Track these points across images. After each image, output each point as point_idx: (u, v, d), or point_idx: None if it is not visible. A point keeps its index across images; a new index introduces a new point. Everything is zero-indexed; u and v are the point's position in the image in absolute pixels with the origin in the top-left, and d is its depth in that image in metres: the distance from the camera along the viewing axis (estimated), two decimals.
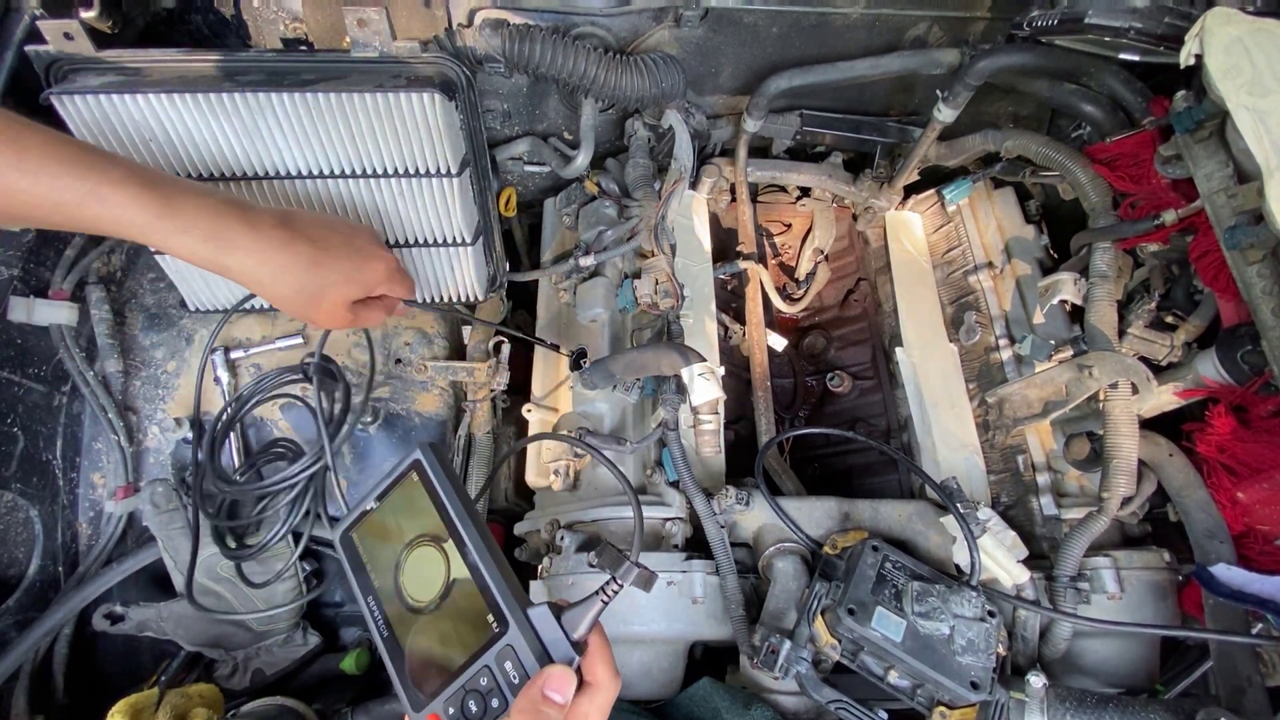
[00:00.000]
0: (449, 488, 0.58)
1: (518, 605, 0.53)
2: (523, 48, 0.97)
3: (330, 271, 0.72)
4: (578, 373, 1.01)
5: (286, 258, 0.69)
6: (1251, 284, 0.77)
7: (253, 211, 0.69)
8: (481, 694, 0.52)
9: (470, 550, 0.55)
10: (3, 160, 0.58)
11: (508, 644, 0.52)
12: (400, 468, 0.60)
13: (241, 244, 0.67)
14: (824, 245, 1.35)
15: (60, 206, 0.60)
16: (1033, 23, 0.94)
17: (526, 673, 0.51)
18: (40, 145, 0.59)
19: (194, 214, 0.64)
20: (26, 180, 0.58)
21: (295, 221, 0.71)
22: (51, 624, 1.00)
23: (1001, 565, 0.86)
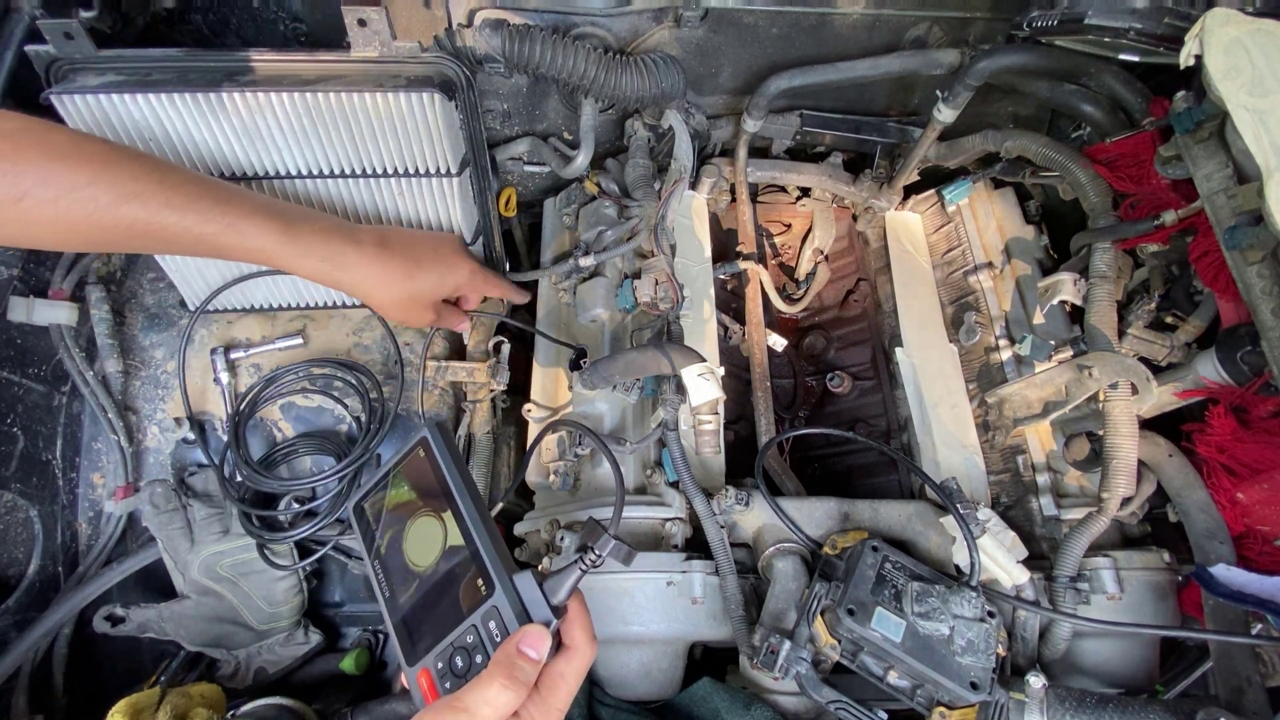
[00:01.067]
0: (450, 463, 0.63)
1: (504, 570, 0.57)
2: (523, 48, 0.97)
3: (422, 280, 0.85)
4: (578, 373, 1.01)
5: (387, 272, 0.81)
6: (1251, 284, 0.77)
7: (357, 232, 0.80)
8: (467, 650, 0.56)
9: (465, 519, 0.60)
10: (156, 200, 0.66)
11: (493, 605, 0.56)
12: (410, 444, 0.66)
13: (350, 262, 0.78)
14: (824, 245, 1.35)
15: (203, 239, 0.69)
16: (1032, 23, 0.94)
17: (508, 631, 0.55)
18: (184, 185, 0.68)
19: (310, 239, 0.75)
20: (175, 216, 0.67)
21: (391, 239, 0.82)
22: (51, 624, 1.00)
23: (1001, 565, 0.86)
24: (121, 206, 0.65)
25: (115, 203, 0.65)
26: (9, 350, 0.99)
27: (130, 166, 0.66)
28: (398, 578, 0.63)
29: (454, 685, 0.55)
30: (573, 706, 0.84)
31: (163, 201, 0.67)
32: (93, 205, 0.64)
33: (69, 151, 0.64)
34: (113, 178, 0.65)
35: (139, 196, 0.66)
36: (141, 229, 0.67)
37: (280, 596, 1.03)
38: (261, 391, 1.07)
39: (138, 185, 0.66)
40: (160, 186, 0.66)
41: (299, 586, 1.06)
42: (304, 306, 1.12)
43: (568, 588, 0.58)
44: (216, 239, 0.70)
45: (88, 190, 0.64)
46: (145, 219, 0.66)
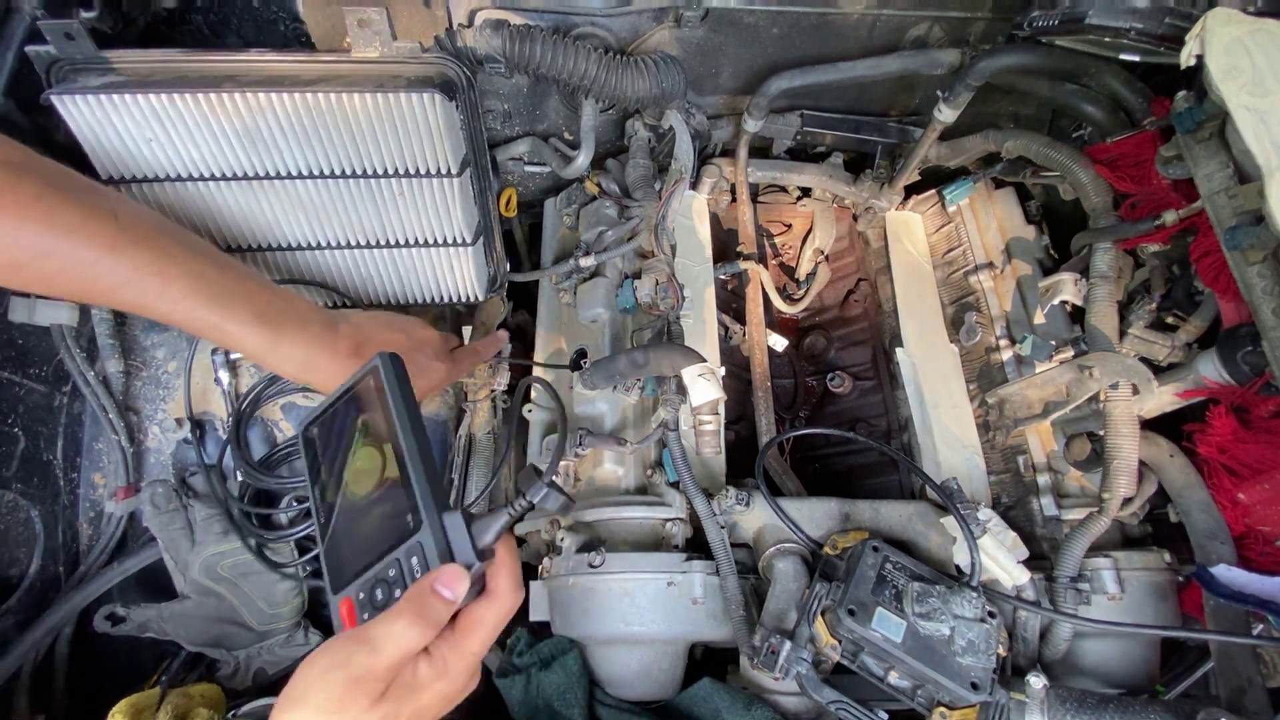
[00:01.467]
0: (398, 394, 0.61)
1: (434, 507, 0.56)
2: (523, 48, 0.97)
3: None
4: (578, 373, 1.01)
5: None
6: (1252, 284, 0.77)
7: (335, 341, 0.80)
8: (388, 583, 0.56)
9: (403, 451, 0.58)
10: (151, 292, 0.69)
11: (418, 541, 0.55)
12: (361, 371, 0.64)
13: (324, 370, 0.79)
14: (824, 245, 1.35)
15: (196, 330, 0.73)
16: (1033, 23, 0.94)
17: (429, 569, 0.54)
18: (180, 279, 0.70)
19: (291, 350, 0.77)
20: (167, 306, 0.70)
21: (365, 347, 0.82)
22: (52, 624, 1.00)
23: (1002, 566, 0.86)
24: (120, 290, 0.68)
25: (114, 287, 0.68)
26: (10, 350, 0.99)
27: (136, 252, 0.68)
28: (335, 506, 0.62)
29: (371, 616, 0.55)
30: (573, 707, 0.84)
31: (157, 293, 0.69)
32: (92, 282, 0.66)
33: (79, 226, 0.65)
34: (114, 262, 0.66)
35: (135, 285, 0.68)
36: (133, 306, 0.70)
37: (280, 597, 1.03)
38: (263, 391, 1.07)
39: (136, 275, 0.68)
40: (158, 279, 0.69)
41: (299, 587, 1.06)
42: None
43: (495, 531, 0.57)
44: (205, 334, 0.74)
45: (90, 269, 0.66)
46: (141, 306, 0.69)
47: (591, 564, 0.89)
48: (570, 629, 0.90)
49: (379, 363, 0.63)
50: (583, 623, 0.89)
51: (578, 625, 0.90)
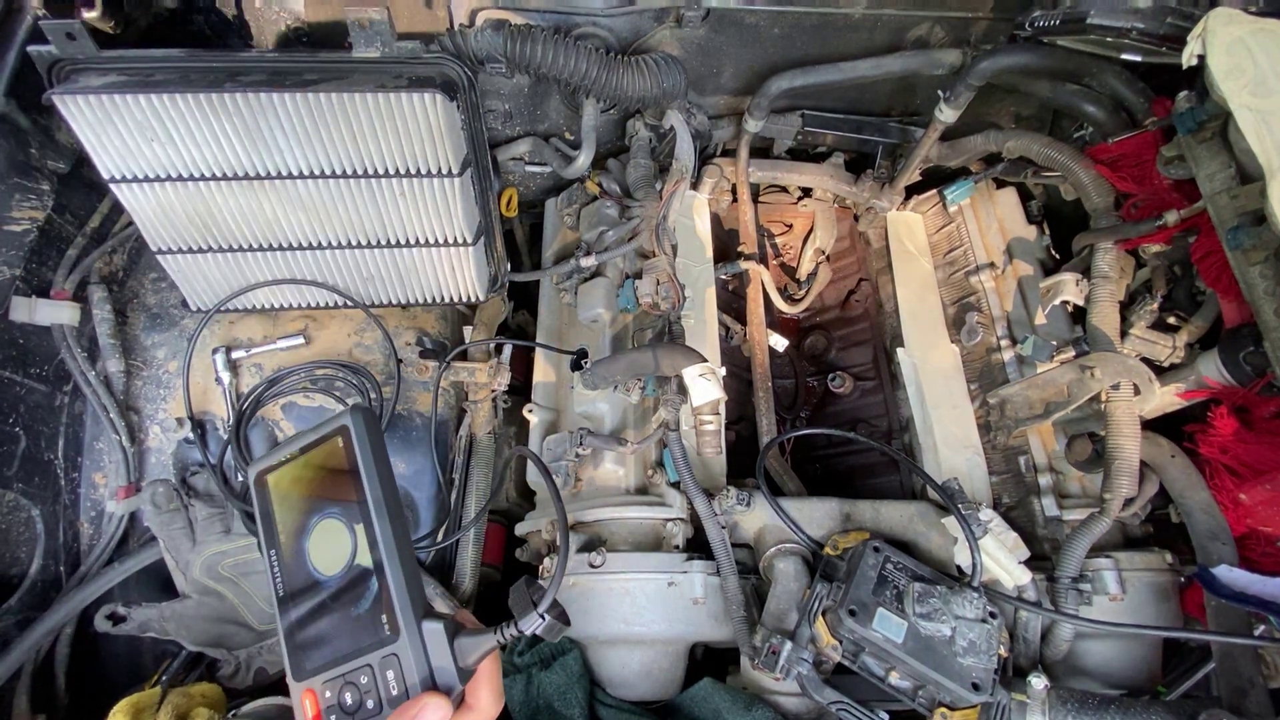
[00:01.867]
0: (371, 467, 0.54)
1: (414, 617, 0.51)
2: (524, 48, 0.97)
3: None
4: (578, 373, 1.01)
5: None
6: (1253, 284, 0.77)
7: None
8: (359, 690, 0.51)
9: (379, 542, 0.53)
10: None
11: (394, 652, 0.50)
12: (326, 429, 0.56)
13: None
14: (825, 246, 1.35)
15: None
16: (1034, 23, 0.94)
17: (406, 690, 0.50)
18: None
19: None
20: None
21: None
22: (53, 623, 1.00)
23: (1003, 566, 0.86)
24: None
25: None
26: (11, 350, 0.99)
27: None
28: (296, 577, 0.56)
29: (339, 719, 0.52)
30: (573, 707, 0.84)
31: None
32: None
33: None
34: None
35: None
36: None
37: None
38: (264, 392, 1.07)
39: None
40: None
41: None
42: (306, 307, 1.12)
43: (479, 654, 0.52)
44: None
45: None
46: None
47: (592, 564, 0.89)
48: (572, 630, 0.90)
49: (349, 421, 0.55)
50: (583, 623, 0.89)
51: (578, 625, 0.89)
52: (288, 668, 0.54)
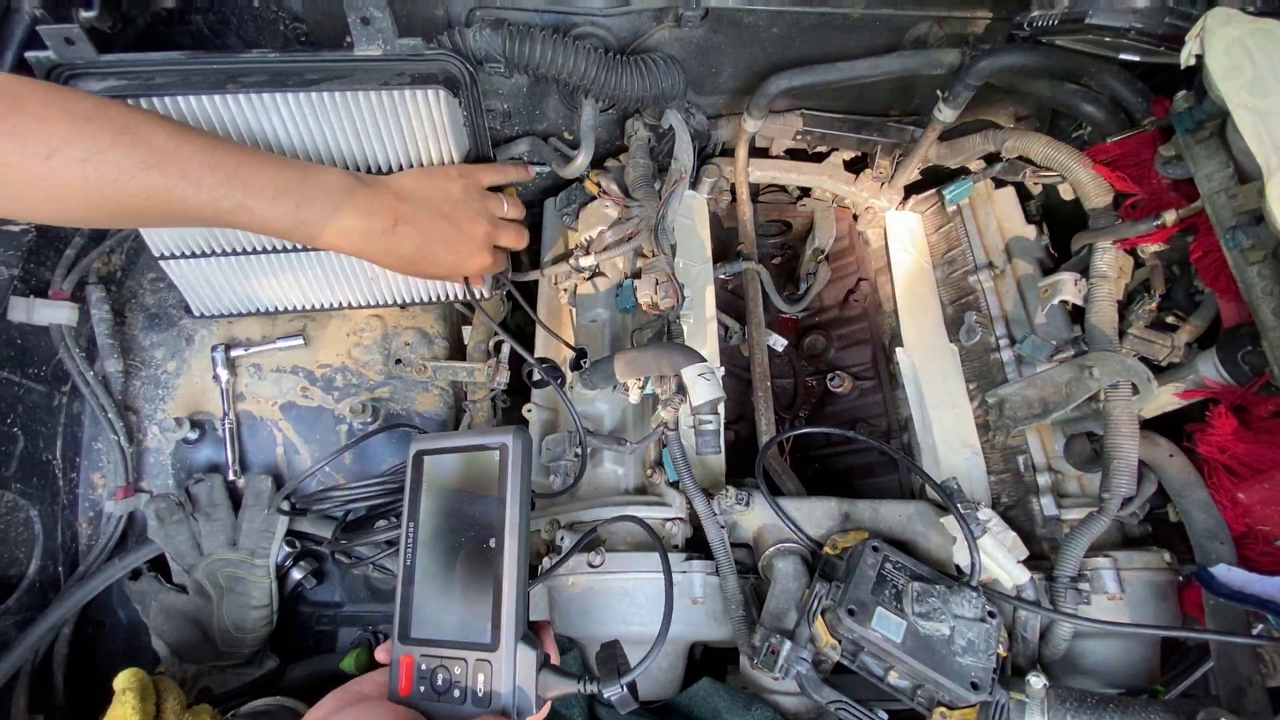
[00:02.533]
0: (516, 490, 0.61)
1: (514, 636, 0.57)
2: (522, 47, 0.97)
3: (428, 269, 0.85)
4: (578, 373, 1.01)
5: (391, 259, 0.82)
6: (1252, 284, 0.77)
7: (369, 215, 0.78)
8: (450, 676, 0.57)
9: (504, 561, 0.59)
10: (173, 169, 0.66)
11: (489, 660, 0.57)
12: (488, 440, 0.63)
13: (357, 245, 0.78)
14: (824, 245, 1.35)
15: (219, 214, 0.70)
16: (1033, 23, 0.94)
17: (490, 697, 0.56)
18: (199, 154, 0.68)
19: (319, 220, 0.74)
20: (191, 188, 0.67)
21: (403, 223, 0.80)
22: (52, 623, 1.00)
23: (1002, 566, 0.86)
24: (143, 173, 0.65)
25: (137, 169, 0.65)
26: (9, 350, 0.99)
27: (150, 132, 0.66)
28: (424, 555, 0.63)
29: (427, 692, 0.58)
30: (573, 707, 0.84)
31: (179, 172, 0.67)
32: (116, 170, 0.64)
33: (92, 115, 0.64)
34: (133, 141, 0.65)
35: (158, 165, 0.66)
36: (163, 197, 0.67)
37: (249, 624, 1.02)
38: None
39: (155, 154, 0.66)
40: (176, 155, 0.66)
41: (269, 619, 1.04)
42: (306, 309, 1.12)
43: (558, 690, 0.58)
44: (231, 214, 0.70)
45: (110, 154, 0.64)
46: (165, 188, 0.66)
47: (591, 564, 0.89)
48: (570, 629, 0.90)
49: (509, 441, 0.62)
50: (582, 622, 0.89)
51: (577, 625, 0.90)
52: (395, 628, 0.61)
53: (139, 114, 0.67)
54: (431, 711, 0.58)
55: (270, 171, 0.72)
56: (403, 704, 0.60)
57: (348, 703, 0.60)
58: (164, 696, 0.79)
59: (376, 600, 1.13)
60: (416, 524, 0.65)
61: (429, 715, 0.58)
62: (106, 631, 1.09)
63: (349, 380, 1.14)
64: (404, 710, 0.59)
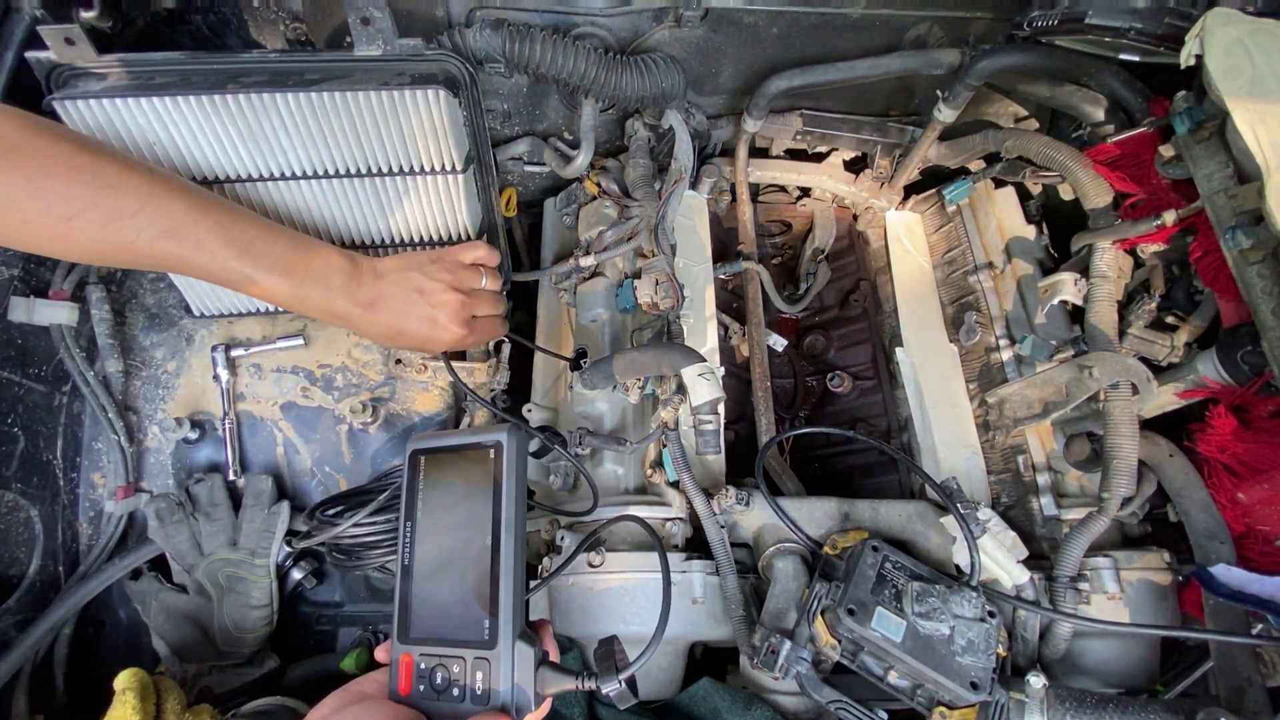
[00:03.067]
0: (511, 487, 0.61)
1: (512, 633, 0.57)
2: (522, 48, 0.97)
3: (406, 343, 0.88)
4: (578, 373, 1.01)
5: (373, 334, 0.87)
6: (1251, 284, 0.77)
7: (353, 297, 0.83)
8: (448, 674, 0.58)
9: (500, 558, 0.59)
10: (190, 241, 0.71)
11: (487, 657, 0.57)
12: (484, 438, 0.64)
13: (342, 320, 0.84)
14: (824, 245, 1.35)
15: (227, 281, 0.75)
16: (1033, 23, 0.94)
17: (488, 696, 0.56)
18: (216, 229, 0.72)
19: (313, 298, 0.80)
20: (204, 260, 0.72)
21: (379, 302, 0.84)
22: (52, 623, 1.00)
23: (1001, 565, 0.86)
24: (160, 241, 0.69)
25: (155, 238, 0.69)
26: (10, 350, 0.99)
27: (172, 204, 0.70)
28: (422, 556, 0.63)
29: (426, 691, 0.58)
30: (573, 707, 0.84)
31: (195, 245, 0.71)
32: (135, 236, 0.68)
33: (117, 181, 0.67)
34: (155, 212, 0.68)
35: (175, 236, 0.70)
36: (174, 264, 0.72)
37: (249, 624, 1.02)
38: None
39: (175, 225, 0.70)
40: (195, 229, 0.71)
41: (269, 619, 1.04)
42: None
43: (556, 688, 0.58)
44: (239, 285, 0.76)
45: (131, 221, 0.67)
46: (179, 255, 0.71)
47: (591, 564, 0.89)
48: (570, 628, 0.90)
49: (504, 439, 0.62)
50: (582, 622, 0.89)
51: (577, 625, 0.90)
52: (395, 629, 0.62)
53: (162, 183, 0.70)
54: (431, 710, 0.58)
55: (279, 249, 0.77)
56: (403, 703, 0.60)
57: (349, 702, 0.61)
58: (164, 696, 0.79)
59: (376, 600, 1.13)
60: (414, 523, 0.65)
61: (429, 714, 0.58)
62: (106, 631, 1.08)
63: (349, 380, 1.14)
64: (404, 710, 0.59)
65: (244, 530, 1.04)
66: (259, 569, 1.03)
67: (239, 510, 1.06)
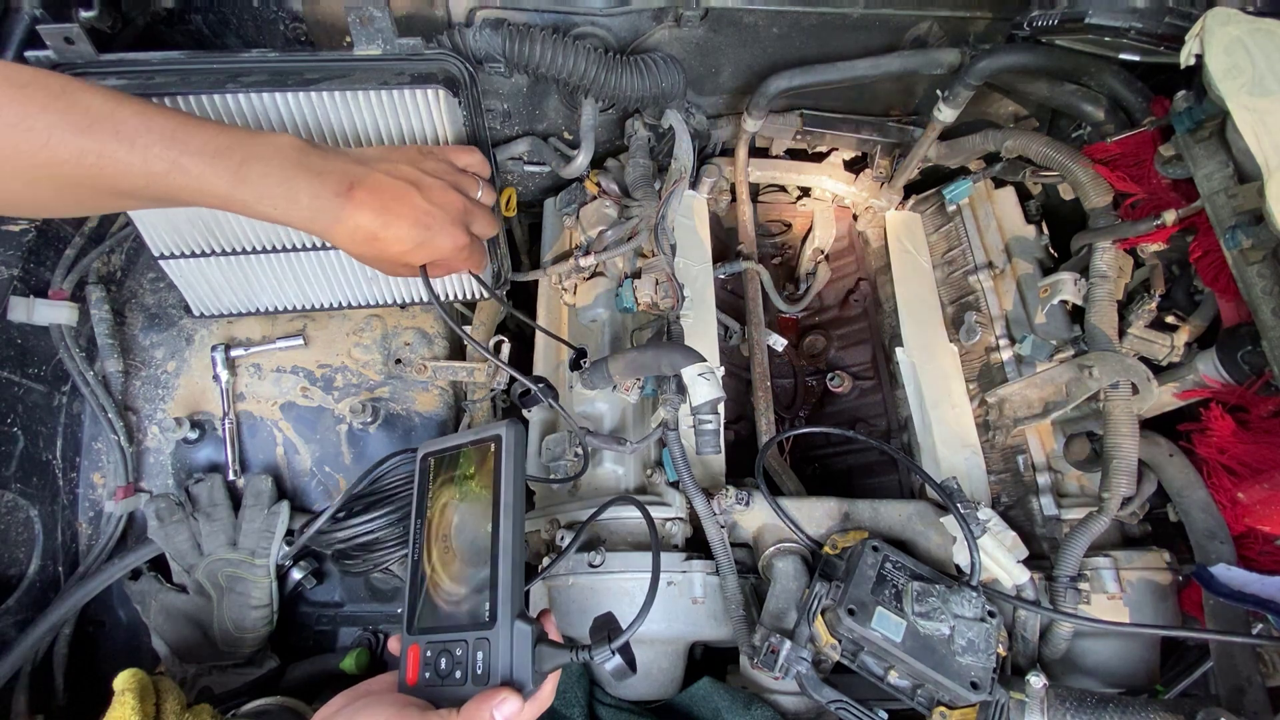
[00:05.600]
0: (510, 476, 0.63)
1: (510, 613, 0.59)
2: (522, 47, 0.97)
3: (388, 246, 0.72)
4: (578, 373, 1.01)
5: (344, 231, 0.70)
6: (1252, 284, 0.77)
7: (320, 177, 0.68)
8: (452, 658, 0.59)
9: (499, 542, 0.61)
10: (105, 131, 0.61)
11: (486, 637, 0.58)
12: (485, 433, 0.67)
13: (305, 213, 0.68)
14: (824, 245, 1.35)
15: (153, 177, 0.63)
16: (1033, 22, 0.94)
17: (489, 674, 0.57)
18: (135, 116, 0.63)
19: (262, 182, 0.66)
20: (123, 150, 0.62)
21: (359, 187, 0.69)
22: (52, 623, 1.00)
23: (1001, 565, 0.86)
24: (75, 137, 0.60)
25: (70, 133, 0.60)
26: (9, 350, 0.99)
27: (88, 98, 0.62)
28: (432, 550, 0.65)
29: (431, 678, 0.60)
30: (573, 706, 0.84)
31: (112, 133, 0.61)
32: (48, 134, 0.60)
33: (30, 82, 0.60)
34: (68, 106, 0.60)
35: (91, 129, 0.61)
36: (93, 162, 0.62)
37: (249, 624, 1.02)
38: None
39: (90, 117, 0.61)
40: (111, 118, 0.62)
41: (269, 619, 1.04)
42: (306, 309, 1.12)
43: (554, 664, 0.60)
44: (165, 177, 0.64)
45: (42, 117, 0.60)
46: (96, 150, 0.61)
47: (591, 563, 0.89)
48: (570, 628, 0.90)
49: (503, 432, 0.65)
50: (582, 622, 0.89)
51: (577, 625, 0.90)
52: (404, 622, 0.64)
53: (80, 82, 0.63)
54: (436, 697, 0.59)
55: (211, 132, 0.65)
56: (410, 694, 0.60)
57: (356, 698, 0.61)
58: (164, 697, 0.79)
59: (377, 600, 1.13)
60: (424, 520, 0.68)
61: (435, 701, 0.59)
62: (106, 631, 1.09)
63: (349, 380, 1.14)
64: (409, 699, 0.59)
65: (244, 530, 1.04)
66: (259, 569, 1.03)
67: (239, 510, 1.06)
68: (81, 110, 0.61)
